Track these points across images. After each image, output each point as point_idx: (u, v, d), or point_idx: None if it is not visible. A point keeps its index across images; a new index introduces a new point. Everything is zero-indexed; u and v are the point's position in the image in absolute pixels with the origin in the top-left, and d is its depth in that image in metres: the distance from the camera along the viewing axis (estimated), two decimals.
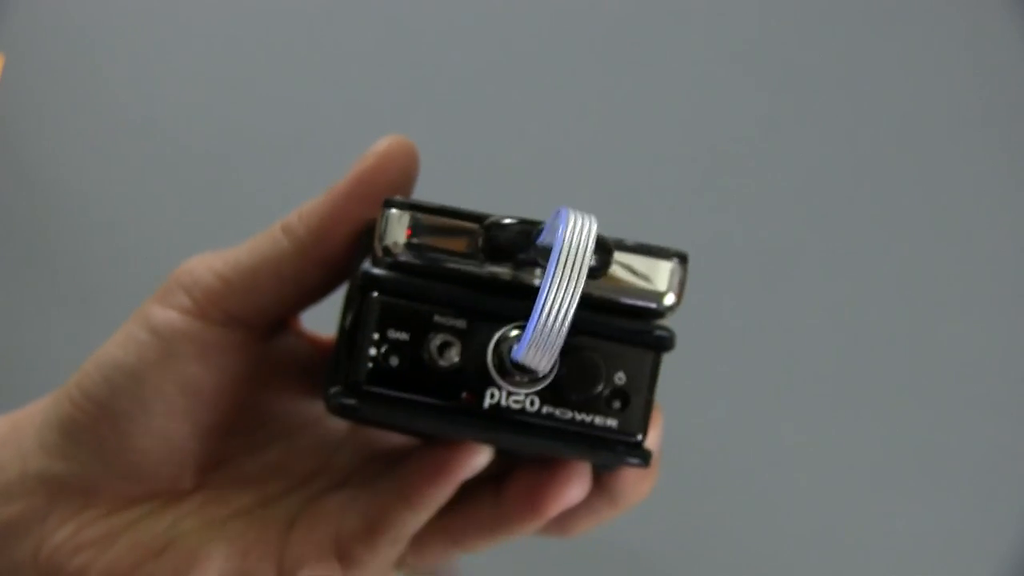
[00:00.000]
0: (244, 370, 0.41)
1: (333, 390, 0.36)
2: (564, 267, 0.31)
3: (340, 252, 0.39)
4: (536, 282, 0.35)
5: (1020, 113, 0.87)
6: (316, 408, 0.44)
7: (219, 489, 0.42)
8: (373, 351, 0.35)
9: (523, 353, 0.33)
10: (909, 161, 0.88)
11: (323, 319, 0.44)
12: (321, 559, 0.40)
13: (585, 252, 0.32)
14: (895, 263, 0.87)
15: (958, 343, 0.86)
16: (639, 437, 0.36)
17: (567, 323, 0.32)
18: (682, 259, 0.36)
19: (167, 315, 0.40)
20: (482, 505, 0.41)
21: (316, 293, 0.41)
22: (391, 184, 0.39)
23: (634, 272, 0.35)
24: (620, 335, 0.35)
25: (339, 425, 0.44)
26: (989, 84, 0.87)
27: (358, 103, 0.92)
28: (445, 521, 0.41)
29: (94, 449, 0.40)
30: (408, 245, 0.35)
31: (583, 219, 0.32)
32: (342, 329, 0.39)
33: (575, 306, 0.32)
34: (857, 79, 0.89)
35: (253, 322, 0.40)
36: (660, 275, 0.35)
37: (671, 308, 0.36)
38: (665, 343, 0.36)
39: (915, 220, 0.88)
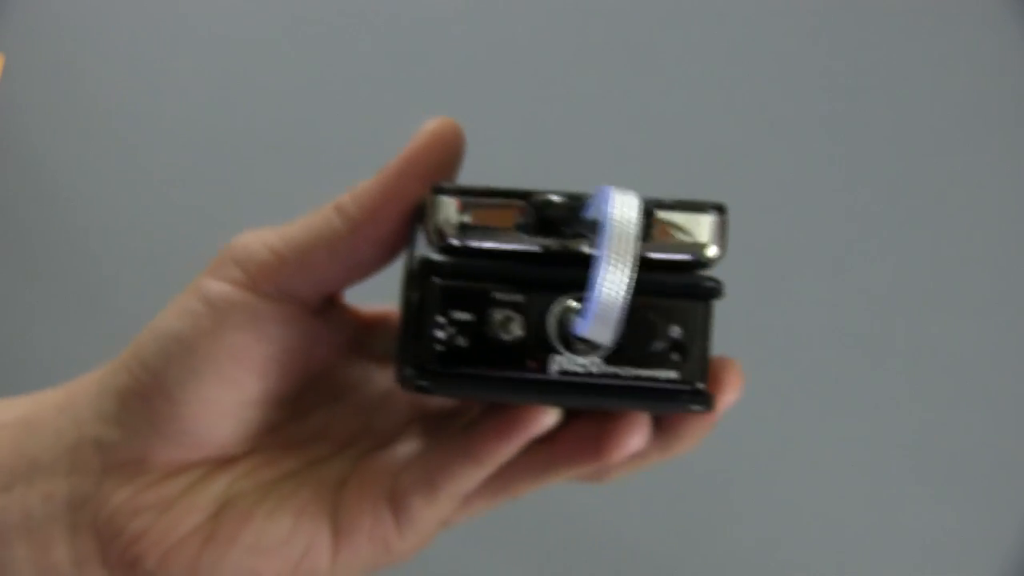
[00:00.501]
0: (293, 341, 0.43)
1: (407, 371, 0.38)
2: (615, 246, 0.33)
3: (392, 230, 0.41)
4: (584, 249, 0.37)
5: (1020, 113, 0.88)
6: (355, 375, 0.46)
7: (266, 453, 0.44)
8: (440, 333, 0.37)
9: (587, 329, 0.34)
10: (909, 161, 0.89)
11: (363, 292, 0.46)
12: (376, 514, 0.42)
13: (633, 228, 0.34)
14: (895, 262, 0.88)
15: (958, 343, 0.87)
16: (700, 385, 0.37)
17: (623, 296, 0.34)
18: (720, 210, 0.38)
19: (220, 287, 0.42)
20: (536, 451, 0.42)
21: (367, 269, 0.42)
22: (440, 163, 0.40)
23: (676, 228, 0.37)
24: (671, 290, 0.37)
25: (376, 391, 0.46)
26: (989, 84, 0.88)
27: (359, 101, 0.93)
28: (495, 472, 0.42)
29: (148, 416, 0.42)
30: (460, 228, 0.37)
31: (626, 196, 0.34)
32: (407, 304, 0.41)
33: (629, 279, 0.33)
34: (857, 79, 0.90)
35: (304, 296, 0.42)
36: (701, 228, 0.37)
37: (715, 259, 0.38)
38: (714, 292, 0.38)
39: (916, 220, 0.88)
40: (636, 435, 0.41)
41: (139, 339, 0.43)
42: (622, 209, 0.34)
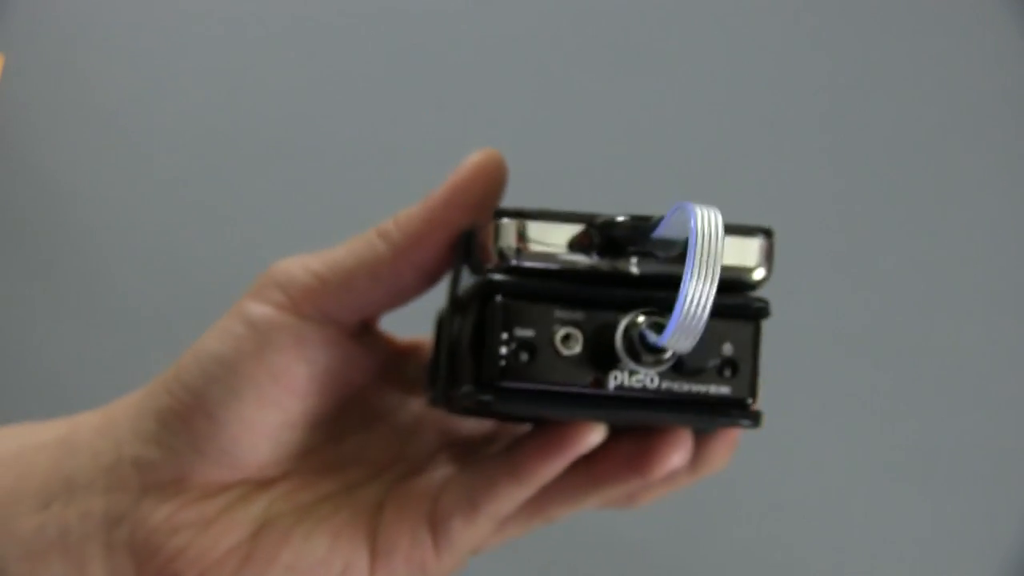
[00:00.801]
0: (332, 364, 0.43)
1: (466, 388, 0.39)
2: (702, 257, 0.34)
3: (435, 257, 0.42)
4: (635, 270, 0.39)
5: (1020, 113, 0.88)
6: (388, 402, 0.47)
7: (303, 476, 0.45)
8: (503, 349, 0.38)
9: (668, 339, 0.35)
10: (909, 161, 0.89)
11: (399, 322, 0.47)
12: (414, 535, 0.43)
13: (718, 241, 0.35)
14: (896, 262, 0.88)
15: (958, 343, 0.87)
16: (750, 400, 0.39)
17: (708, 309, 0.35)
18: (768, 234, 0.40)
19: (263, 310, 0.42)
20: (575, 472, 0.43)
21: (407, 295, 0.43)
22: (484, 192, 0.42)
23: (728, 251, 0.39)
24: (724, 310, 0.38)
25: (409, 419, 0.47)
26: (989, 84, 0.89)
27: (361, 100, 0.93)
28: (533, 495, 0.43)
29: (188, 436, 0.42)
30: (520, 249, 0.39)
31: (710, 211, 0.35)
32: (448, 330, 0.42)
33: (715, 292, 0.34)
34: (857, 79, 0.90)
35: (344, 319, 0.43)
36: (749, 251, 0.39)
37: (762, 281, 0.40)
38: (763, 313, 0.39)
39: (916, 220, 0.88)
40: (679, 451, 0.42)
41: (180, 361, 0.43)
42: (707, 222, 0.35)
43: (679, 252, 0.36)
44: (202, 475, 0.43)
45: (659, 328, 0.37)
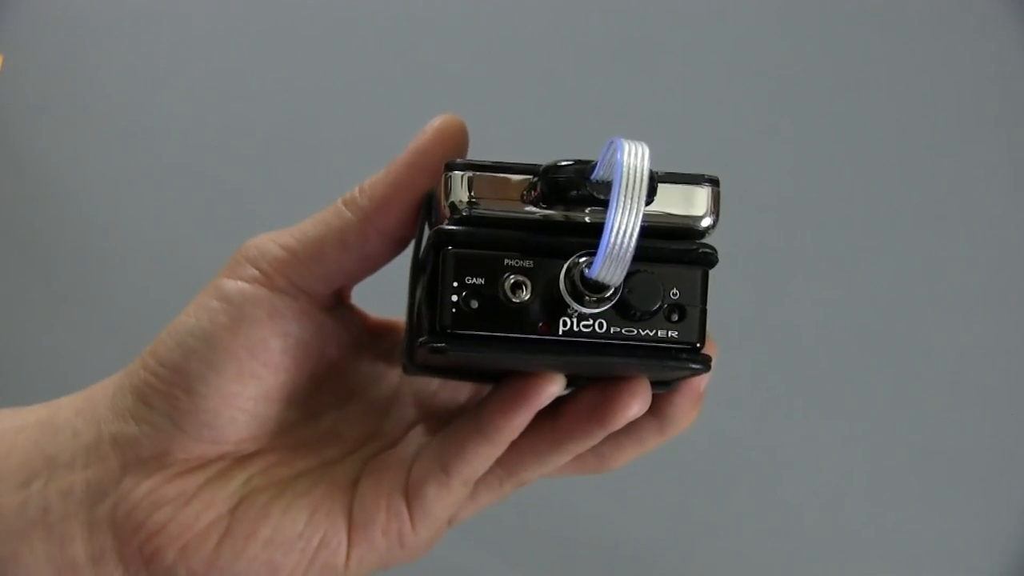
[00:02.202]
0: (307, 336, 0.44)
1: (423, 338, 0.40)
2: (627, 185, 0.35)
3: (400, 222, 0.43)
4: (586, 219, 0.39)
5: (1020, 113, 0.88)
6: (363, 378, 0.47)
7: (281, 453, 0.45)
8: (454, 298, 0.39)
9: (598, 269, 0.37)
10: (910, 161, 0.89)
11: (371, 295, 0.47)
12: (390, 507, 0.43)
13: (644, 171, 0.36)
14: (896, 262, 0.88)
15: (958, 343, 0.87)
16: (698, 344, 0.40)
17: (635, 236, 0.36)
18: (714, 183, 0.40)
19: (237, 285, 0.43)
20: (539, 431, 0.43)
21: (376, 262, 0.44)
22: (445, 156, 0.42)
23: (675, 199, 0.40)
24: (671, 256, 0.40)
25: (384, 395, 0.47)
26: (989, 84, 0.89)
27: (361, 99, 0.94)
28: (502, 455, 0.43)
29: (167, 411, 0.43)
30: (472, 201, 0.39)
31: (637, 144, 0.36)
32: (412, 301, 0.43)
33: (640, 220, 0.36)
34: (858, 79, 0.90)
35: (317, 289, 0.44)
36: (697, 200, 0.40)
37: (710, 228, 0.40)
38: (710, 259, 0.40)
39: (916, 220, 0.89)
40: (638, 399, 0.42)
41: (157, 339, 0.44)
42: (632, 154, 0.36)
43: None
44: (182, 450, 0.43)
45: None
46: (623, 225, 0.35)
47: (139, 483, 0.43)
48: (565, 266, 0.39)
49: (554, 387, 0.42)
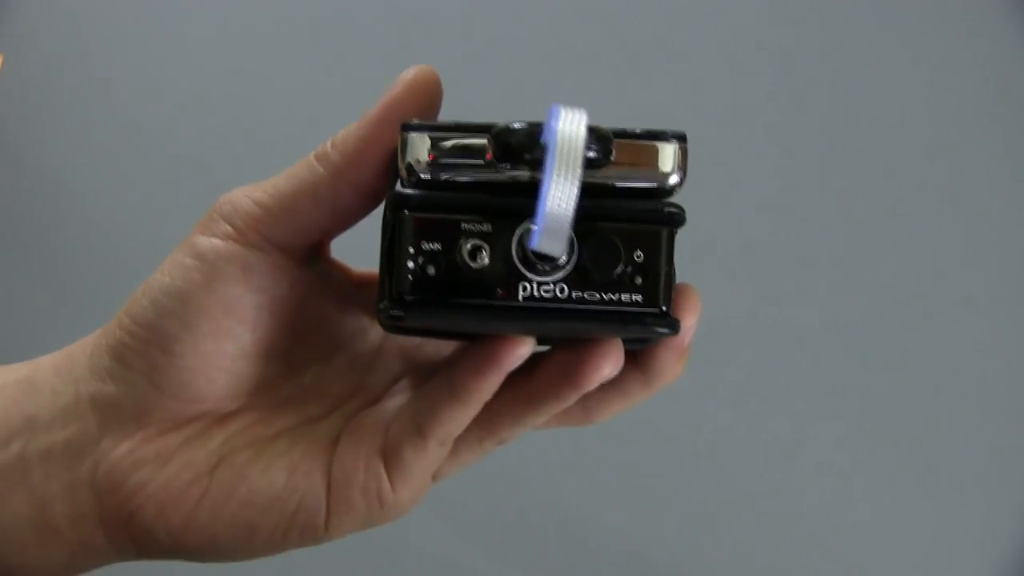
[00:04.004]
0: (283, 292, 0.43)
1: (381, 304, 0.39)
2: (560, 155, 0.34)
3: (372, 175, 0.42)
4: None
5: (1020, 113, 0.88)
6: (346, 332, 0.46)
7: (261, 411, 0.45)
8: (411, 264, 0.38)
9: (537, 242, 0.36)
10: (910, 161, 0.89)
11: (348, 252, 0.47)
12: (368, 468, 0.43)
13: (578, 140, 0.35)
14: (896, 262, 0.88)
15: (958, 343, 0.87)
16: (664, 307, 0.38)
17: (572, 207, 0.35)
18: (681, 139, 0.39)
19: (210, 242, 0.43)
20: (514, 390, 0.43)
21: (351, 216, 0.43)
22: (418, 109, 0.41)
23: (639, 156, 0.38)
24: (634, 216, 0.38)
25: (369, 348, 0.47)
26: (989, 84, 0.89)
27: (359, 100, 0.94)
28: (479, 415, 0.43)
29: (144, 371, 0.43)
30: (428, 163, 0.38)
31: (573, 112, 0.35)
32: (383, 253, 0.41)
33: (576, 191, 0.34)
34: (858, 79, 0.90)
35: (291, 244, 0.43)
36: (664, 157, 0.38)
37: (676, 186, 0.39)
38: (676, 218, 0.39)
39: (916, 220, 0.89)
40: (608, 361, 0.41)
41: (132, 298, 0.44)
42: (568, 123, 0.35)
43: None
44: (161, 410, 0.43)
45: None
46: (558, 195, 0.34)
47: (118, 443, 0.43)
48: (518, 233, 0.38)
49: (523, 349, 0.41)
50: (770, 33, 0.92)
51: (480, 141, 0.38)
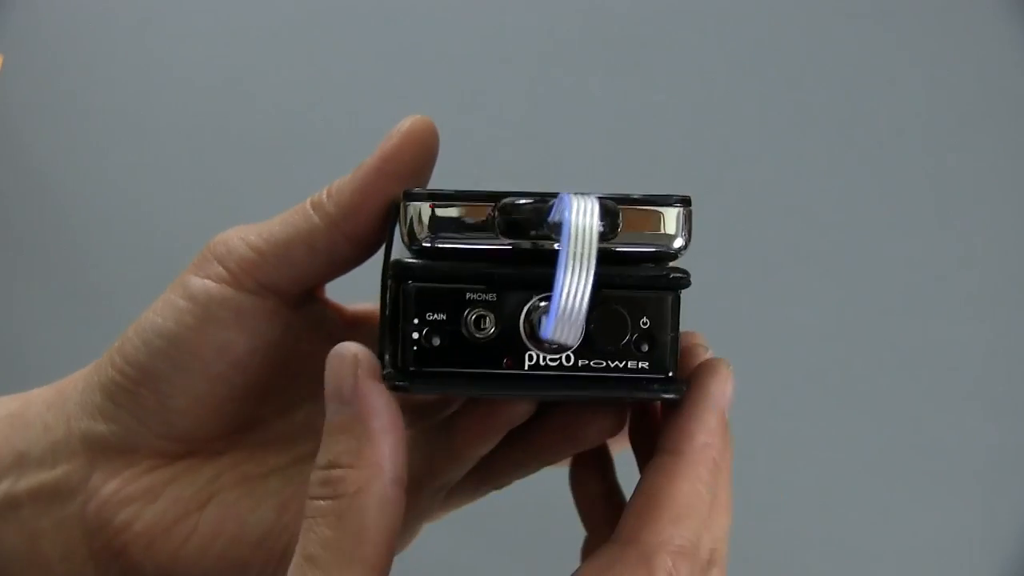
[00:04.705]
0: (275, 335, 0.43)
1: (386, 371, 0.39)
2: (575, 252, 0.34)
3: (369, 227, 0.42)
4: (555, 247, 0.37)
5: (1020, 113, 0.88)
6: None
7: (251, 449, 0.45)
8: (415, 335, 0.37)
9: (551, 332, 0.35)
10: (909, 160, 0.89)
11: (347, 288, 0.46)
12: None
13: (592, 234, 0.34)
14: (896, 262, 0.88)
15: (959, 343, 0.87)
16: (670, 373, 0.38)
17: (586, 302, 0.34)
18: (685, 203, 0.39)
19: (203, 283, 0.42)
20: (514, 442, 0.43)
21: (346, 265, 0.43)
22: (415, 160, 0.41)
23: (643, 223, 0.38)
24: (639, 283, 0.38)
25: None
26: (989, 84, 0.88)
27: (357, 100, 0.94)
28: (476, 465, 0.43)
29: (134, 410, 0.43)
30: (432, 233, 0.38)
31: (585, 201, 0.35)
32: (384, 302, 0.41)
33: (591, 286, 0.34)
34: (857, 79, 0.90)
35: (284, 290, 0.43)
36: (668, 221, 0.38)
37: (681, 250, 0.39)
38: (680, 283, 0.38)
39: (916, 220, 0.88)
40: (612, 420, 0.41)
41: (124, 336, 0.43)
42: (581, 214, 0.34)
43: None
44: (148, 447, 0.43)
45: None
46: (573, 289, 0.34)
47: (106, 480, 0.43)
48: (525, 309, 0.37)
49: (523, 410, 0.41)
50: (770, 33, 0.92)
51: (483, 208, 0.38)
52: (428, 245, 0.38)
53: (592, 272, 0.34)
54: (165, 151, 0.96)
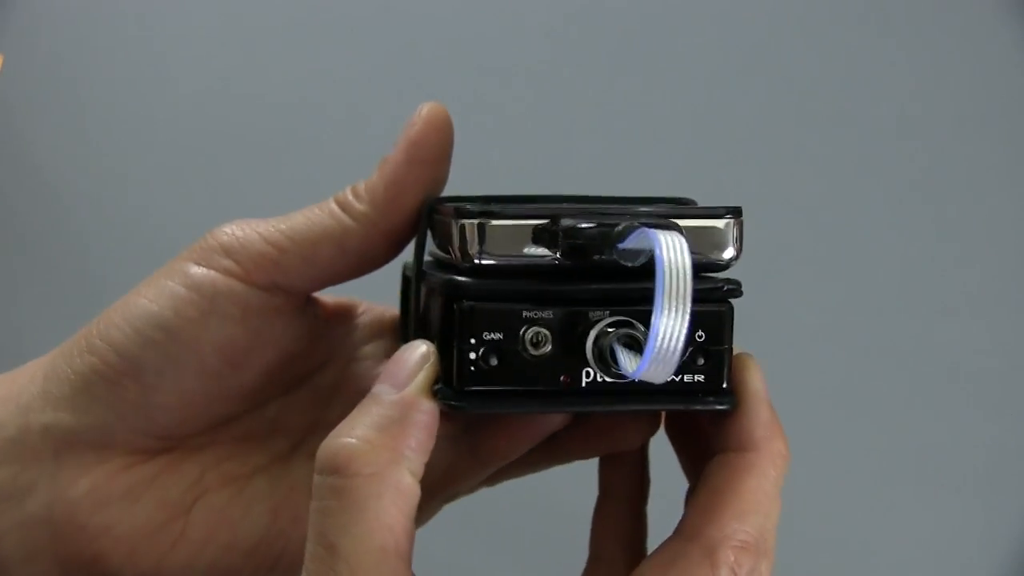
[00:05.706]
0: (276, 335, 0.41)
1: (438, 387, 0.37)
2: (670, 291, 0.33)
3: (406, 223, 0.40)
4: (616, 260, 0.36)
5: (1020, 113, 0.87)
6: (311, 366, 0.44)
7: (230, 446, 0.42)
8: (472, 355, 0.37)
9: (643, 373, 0.34)
10: (909, 160, 0.88)
11: None
12: None
13: (687, 272, 0.33)
14: (896, 262, 0.87)
15: (959, 344, 0.86)
16: (724, 385, 0.38)
17: (682, 342, 0.33)
18: (735, 213, 0.39)
19: (208, 274, 0.40)
20: (538, 448, 0.42)
21: (374, 265, 0.41)
22: (440, 145, 0.40)
23: (696, 236, 0.37)
24: (696, 297, 0.36)
25: (329, 383, 0.45)
26: (989, 84, 0.88)
27: (358, 99, 0.93)
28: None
29: (112, 402, 0.40)
30: (485, 250, 0.37)
31: (673, 238, 0.33)
32: (407, 301, 0.41)
33: (688, 323, 0.33)
34: (858, 79, 0.89)
35: (298, 289, 0.41)
36: (719, 233, 0.38)
37: (732, 260, 0.39)
38: (733, 294, 0.39)
39: (916, 220, 0.88)
40: (647, 423, 0.41)
41: (108, 320, 0.40)
42: (672, 251, 0.33)
43: (647, 259, 0.35)
44: (124, 443, 0.40)
45: (631, 341, 0.36)
46: (669, 330, 0.33)
47: (78, 479, 0.40)
48: (593, 334, 0.36)
49: (561, 419, 0.40)
50: (769, 32, 0.91)
51: (538, 224, 0.37)
52: (481, 263, 0.37)
53: (688, 311, 0.33)
54: (165, 150, 0.96)
